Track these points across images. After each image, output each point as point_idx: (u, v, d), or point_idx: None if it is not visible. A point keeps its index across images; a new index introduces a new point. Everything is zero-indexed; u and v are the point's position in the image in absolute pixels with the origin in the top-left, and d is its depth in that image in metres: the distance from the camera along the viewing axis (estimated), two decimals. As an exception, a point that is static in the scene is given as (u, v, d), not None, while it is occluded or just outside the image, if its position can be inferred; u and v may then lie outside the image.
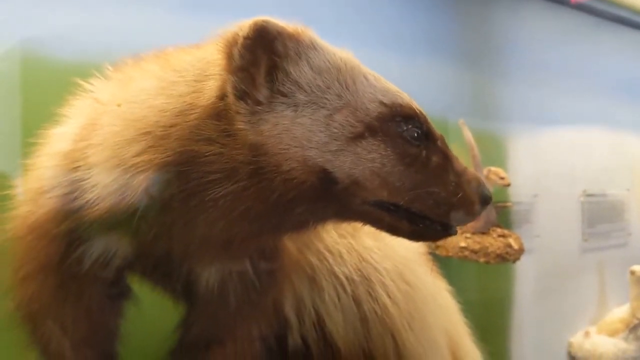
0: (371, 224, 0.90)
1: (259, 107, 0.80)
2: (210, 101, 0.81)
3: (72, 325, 1.00)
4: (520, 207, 2.51)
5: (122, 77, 0.96)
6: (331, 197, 0.82)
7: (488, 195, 0.91)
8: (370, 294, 1.15)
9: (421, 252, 1.32)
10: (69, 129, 0.96)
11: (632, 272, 2.78)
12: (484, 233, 2.12)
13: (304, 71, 0.82)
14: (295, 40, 0.83)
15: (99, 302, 1.01)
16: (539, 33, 2.67)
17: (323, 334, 1.13)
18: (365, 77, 0.86)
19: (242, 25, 0.80)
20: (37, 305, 1.00)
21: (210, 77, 0.83)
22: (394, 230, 0.89)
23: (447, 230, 0.89)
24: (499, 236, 2.15)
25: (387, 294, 1.16)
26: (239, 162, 0.79)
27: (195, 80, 0.83)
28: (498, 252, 2.08)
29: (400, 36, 2.07)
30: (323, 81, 0.83)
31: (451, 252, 2.02)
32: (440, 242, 2.00)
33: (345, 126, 0.81)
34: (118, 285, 1.04)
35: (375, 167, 0.81)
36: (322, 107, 0.81)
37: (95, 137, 0.88)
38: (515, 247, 2.14)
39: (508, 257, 2.11)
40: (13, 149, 1.25)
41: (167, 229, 0.88)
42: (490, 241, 2.10)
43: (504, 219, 2.32)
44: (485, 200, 0.91)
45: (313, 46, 0.84)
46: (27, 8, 1.37)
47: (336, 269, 1.13)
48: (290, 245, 1.06)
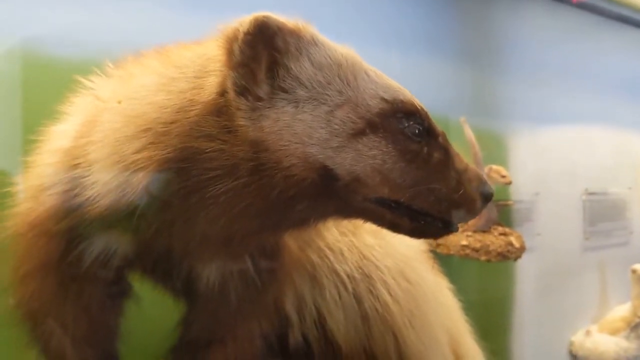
0: (372, 221, 0.90)
1: (260, 103, 0.80)
2: (210, 97, 0.80)
3: (72, 324, 1.00)
4: (522, 205, 2.51)
5: (122, 74, 0.96)
6: (332, 193, 0.82)
7: (489, 193, 0.91)
8: (371, 292, 1.14)
9: (422, 250, 1.32)
10: (69, 127, 0.96)
11: (634, 271, 2.78)
12: (485, 231, 2.12)
13: (305, 67, 0.82)
14: (296, 36, 0.82)
15: (99, 300, 1.01)
16: (541, 31, 2.66)
17: (324, 331, 1.12)
18: (366, 73, 0.86)
19: (242, 21, 0.80)
20: (37, 303, 0.99)
21: (211, 73, 0.82)
22: (395, 227, 0.89)
23: (448, 227, 0.89)
24: (500, 234, 2.14)
25: (388, 292, 1.16)
26: (239, 158, 0.79)
27: (196, 77, 0.83)
28: (499, 250, 2.08)
29: (400, 34, 2.06)
30: (324, 77, 0.82)
31: (452, 251, 2.02)
32: (441, 241, 2.00)
33: (346, 122, 0.81)
34: (118, 283, 1.03)
35: (376, 164, 0.81)
36: (323, 103, 0.81)
37: (96, 134, 0.88)
38: (517, 245, 2.14)
39: (509, 256, 2.11)
40: (14, 147, 1.25)
41: (168, 226, 0.87)
42: (492, 239, 2.09)
43: (505, 217, 2.32)
44: (487, 197, 0.90)
45: (314, 42, 0.84)
46: (27, 7, 1.37)
47: (337, 267, 1.13)
48: (291, 243, 1.05)
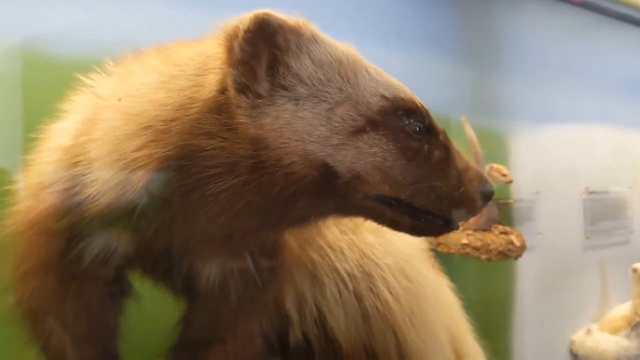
0: (372, 218, 0.90)
1: (260, 101, 0.79)
2: (210, 95, 0.80)
3: (72, 322, 1.00)
4: (522, 204, 2.50)
5: (122, 72, 0.96)
6: (332, 191, 0.81)
7: (490, 191, 0.90)
8: (371, 290, 1.14)
9: (423, 248, 1.32)
10: (69, 124, 0.96)
11: (634, 270, 2.77)
12: (485, 230, 2.12)
13: (305, 64, 0.82)
14: (297, 33, 0.82)
15: (99, 299, 1.01)
16: (542, 30, 2.66)
17: (324, 330, 1.12)
18: (367, 71, 0.85)
19: (242, 18, 0.79)
20: (37, 302, 0.99)
21: (211, 70, 0.82)
22: (396, 225, 0.89)
23: (448, 225, 0.88)
24: (501, 233, 2.14)
25: (389, 290, 1.16)
26: (239, 156, 0.79)
27: (196, 74, 0.83)
28: (500, 249, 2.08)
29: (400, 33, 2.06)
30: (324, 74, 0.82)
31: (453, 249, 2.02)
32: (442, 239, 2.00)
33: (347, 120, 0.81)
34: (119, 281, 1.03)
35: (376, 161, 0.81)
36: (324, 101, 0.81)
37: (96, 132, 0.88)
38: (517, 244, 2.14)
39: (510, 254, 2.11)
40: (14, 145, 1.25)
41: (168, 224, 0.87)
42: (492, 238, 2.09)
43: (505, 216, 2.31)
44: (487, 195, 0.90)
45: (314, 39, 0.83)
46: (28, 6, 1.37)
47: (337, 265, 1.13)
48: (292, 241, 1.05)
